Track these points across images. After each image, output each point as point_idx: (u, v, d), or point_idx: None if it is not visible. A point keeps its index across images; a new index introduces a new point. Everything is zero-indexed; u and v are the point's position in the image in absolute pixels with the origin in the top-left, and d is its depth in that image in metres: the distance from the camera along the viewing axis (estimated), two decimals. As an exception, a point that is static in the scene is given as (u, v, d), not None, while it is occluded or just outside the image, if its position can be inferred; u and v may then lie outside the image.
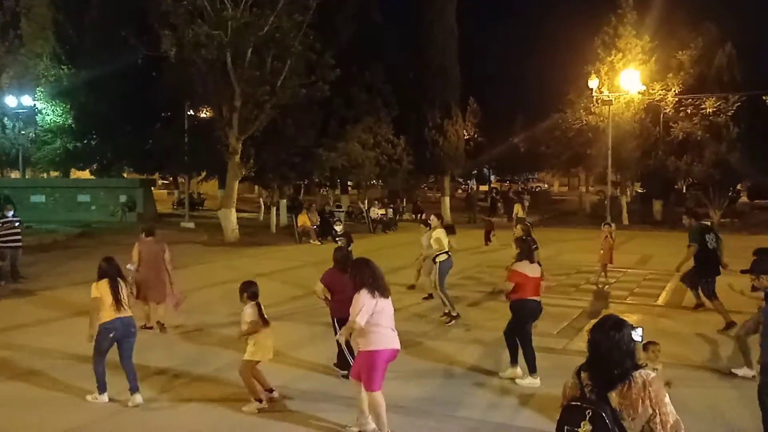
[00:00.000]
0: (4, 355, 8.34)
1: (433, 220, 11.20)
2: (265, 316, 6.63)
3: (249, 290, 6.66)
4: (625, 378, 3.02)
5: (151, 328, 9.52)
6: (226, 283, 13.69)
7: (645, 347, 5.69)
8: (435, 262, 10.67)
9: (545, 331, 9.57)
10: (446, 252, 10.68)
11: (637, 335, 3.12)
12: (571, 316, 10.72)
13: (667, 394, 3.04)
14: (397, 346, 5.83)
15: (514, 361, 7.46)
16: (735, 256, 9.07)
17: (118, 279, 6.84)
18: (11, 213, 14.02)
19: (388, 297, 5.79)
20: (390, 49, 31.66)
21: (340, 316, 6.69)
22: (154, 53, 23.69)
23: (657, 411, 2.97)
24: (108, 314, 6.59)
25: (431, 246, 10.80)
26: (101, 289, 6.65)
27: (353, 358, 6.50)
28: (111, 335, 6.60)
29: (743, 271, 5.99)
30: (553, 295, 12.83)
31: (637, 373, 3.04)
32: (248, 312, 6.56)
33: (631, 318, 10.61)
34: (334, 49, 23.19)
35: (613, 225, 15.09)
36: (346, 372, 6.97)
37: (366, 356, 5.69)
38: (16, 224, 14.04)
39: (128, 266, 9.18)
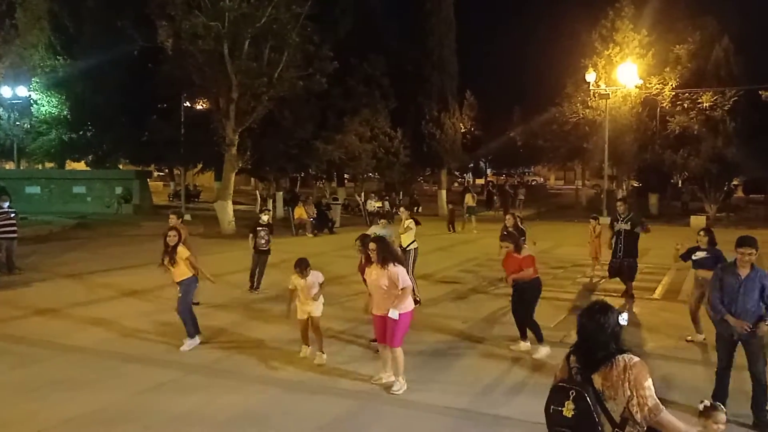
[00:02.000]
0: (3, 346, 8.34)
1: (403, 212, 12.10)
2: None
3: (304, 264, 7.75)
4: (608, 360, 3.13)
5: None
6: (223, 274, 13.67)
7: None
8: (408, 251, 11.21)
9: (542, 323, 9.58)
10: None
11: (623, 320, 3.22)
12: (568, 308, 10.75)
13: (649, 379, 3.09)
14: None
15: (525, 336, 8.36)
16: (730, 250, 9.11)
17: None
18: (6, 204, 13.97)
19: None
20: (389, 41, 31.53)
21: None
22: (150, 44, 23.55)
23: (634, 393, 3.05)
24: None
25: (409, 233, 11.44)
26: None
27: None
28: None
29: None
30: (550, 288, 12.87)
31: (620, 357, 3.13)
32: (320, 275, 7.87)
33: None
34: (332, 41, 23.10)
35: (599, 219, 14.90)
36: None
37: (405, 317, 6.67)
38: (12, 215, 13.99)
39: None
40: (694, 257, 8.62)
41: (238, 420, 6.05)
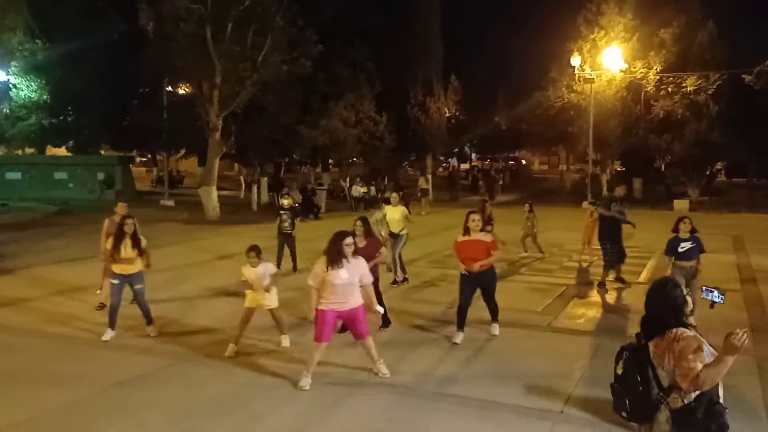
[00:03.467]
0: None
1: (395, 197, 11.95)
2: None
3: (257, 250, 7.49)
4: (662, 332, 3.42)
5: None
6: (208, 261, 13.59)
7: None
8: (400, 236, 11.45)
9: (530, 308, 9.63)
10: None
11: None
12: (555, 293, 10.78)
13: (697, 352, 3.23)
14: None
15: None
16: (713, 233, 9.17)
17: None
18: (-14, 190, 13.75)
19: None
20: (373, 25, 31.31)
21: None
22: (131, 27, 23.20)
23: (678, 364, 3.26)
24: None
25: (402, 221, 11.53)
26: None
27: None
28: None
29: None
30: (536, 272, 12.93)
31: (675, 329, 3.37)
32: (272, 266, 7.64)
33: (612, 295, 10.74)
34: (316, 24, 22.88)
35: (597, 204, 14.87)
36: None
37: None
38: (-8, 202, 13.78)
39: None
40: (680, 249, 8.45)
41: (219, 407, 6.00)
